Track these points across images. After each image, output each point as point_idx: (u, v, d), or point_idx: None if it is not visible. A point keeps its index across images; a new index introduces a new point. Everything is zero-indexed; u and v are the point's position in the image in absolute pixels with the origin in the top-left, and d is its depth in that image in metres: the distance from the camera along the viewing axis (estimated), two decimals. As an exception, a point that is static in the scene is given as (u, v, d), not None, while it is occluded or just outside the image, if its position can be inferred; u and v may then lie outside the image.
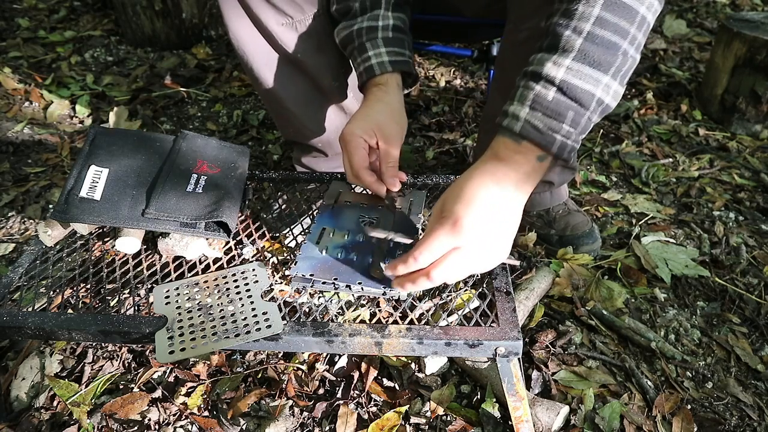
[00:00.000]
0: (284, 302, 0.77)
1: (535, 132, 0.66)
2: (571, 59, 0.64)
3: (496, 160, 0.68)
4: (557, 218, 1.23)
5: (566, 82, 0.64)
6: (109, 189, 0.86)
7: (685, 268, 1.19)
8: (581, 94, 0.65)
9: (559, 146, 0.66)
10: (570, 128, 0.66)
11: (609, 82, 0.65)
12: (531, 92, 0.66)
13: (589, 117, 0.66)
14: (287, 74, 1.07)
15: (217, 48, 2.35)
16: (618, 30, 0.64)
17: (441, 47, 1.47)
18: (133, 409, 0.90)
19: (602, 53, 0.64)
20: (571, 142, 0.67)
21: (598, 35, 0.64)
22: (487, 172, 0.68)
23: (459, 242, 0.66)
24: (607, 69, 0.65)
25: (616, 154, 1.62)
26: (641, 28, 0.66)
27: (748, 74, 1.63)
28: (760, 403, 0.93)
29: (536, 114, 0.66)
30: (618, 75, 0.66)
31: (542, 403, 0.88)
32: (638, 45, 0.67)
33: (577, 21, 0.65)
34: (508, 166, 0.68)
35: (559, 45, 0.65)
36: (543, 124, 0.66)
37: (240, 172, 0.96)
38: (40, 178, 1.57)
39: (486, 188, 0.67)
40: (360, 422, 0.89)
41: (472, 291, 0.79)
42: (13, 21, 2.48)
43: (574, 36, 0.65)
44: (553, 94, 0.65)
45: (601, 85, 0.65)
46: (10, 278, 0.85)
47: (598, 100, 0.66)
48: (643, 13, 0.65)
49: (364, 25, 0.92)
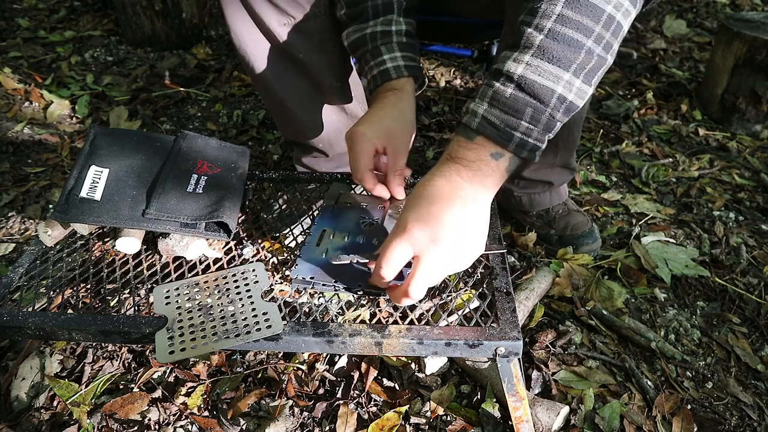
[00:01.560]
0: (284, 302, 0.77)
1: (491, 128, 0.66)
2: (530, 55, 0.64)
3: (450, 160, 0.69)
4: (557, 218, 1.23)
5: (524, 78, 0.64)
6: (109, 189, 0.86)
7: (685, 268, 1.19)
8: (539, 90, 0.64)
9: (518, 143, 0.66)
10: (529, 125, 0.65)
11: (571, 79, 0.65)
12: (491, 89, 0.66)
13: (551, 114, 0.66)
14: (288, 74, 1.07)
15: (217, 48, 2.35)
16: (581, 28, 0.64)
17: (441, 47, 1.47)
18: (133, 409, 0.91)
19: (563, 50, 0.64)
20: (533, 141, 0.66)
21: (559, 32, 0.64)
22: (438, 173, 0.69)
23: (415, 248, 0.67)
24: (568, 66, 0.64)
25: (616, 154, 1.62)
26: (608, 27, 0.65)
27: (748, 74, 1.63)
28: (760, 403, 0.93)
29: (494, 111, 0.66)
30: (581, 72, 0.65)
31: (542, 403, 0.88)
32: (606, 44, 0.66)
33: (539, 18, 0.64)
34: (460, 164, 0.68)
35: (521, 42, 0.66)
36: (500, 121, 0.66)
37: (240, 172, 0.96)
38: (40, 178, 1.57)
39: (436, 188, 0.67)
40: (360, 422, 0.89)
41: (472, 291, 0.79)
42: (13, 21, 2.48)
43: (535, 33, 0.65)
44: (511, 91, 0.65)
45: (561, 81, 0.64)
46: (10, 278, 0.85)
47: (559, 97, 0.65)
48: (610, 12, 0.64)
49: (378, 29, 0.92)
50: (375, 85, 0.92)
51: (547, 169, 1.16)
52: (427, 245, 0.66)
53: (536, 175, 1.17)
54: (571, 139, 1.12)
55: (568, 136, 1.10)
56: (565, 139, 1.10)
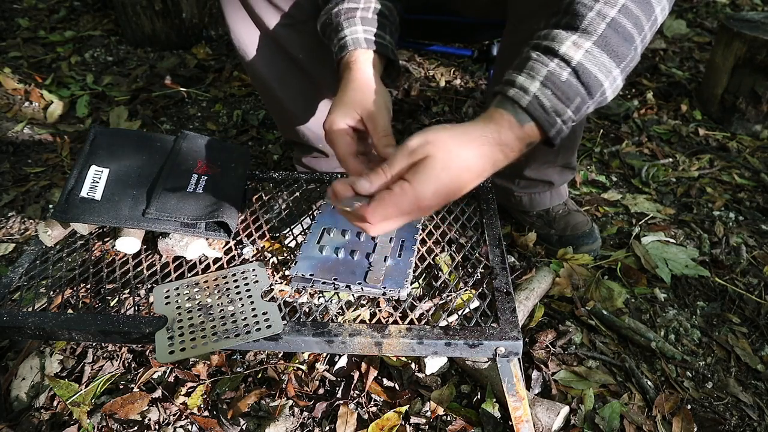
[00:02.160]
0: (284, 302, 0.77)
1: (541, 111, 0.62)
2: (591, 42, 0.61)
3: (490, 131, 0.63)
4: (557, 218, 1.23)
5: (582, 66, 0.61)
6: (109, 189, 0.86)
7: (685, 268, 1.19)
8: (593, 81, 0.61)
9: (557, 131, 0.63)
10: (572, 115, 0.63)
11: (617, 74, 0.63)
12: (544, 68, 0.62)
13: (589, 106, 0.64)
14: (288, 74, 1.07)
15: (217, 48, 2.35)
16: (637, 24, 0.62)
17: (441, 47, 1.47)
18: (133, 409, 0.90)
19: (621, 44, 0.61)
20: (566, 128, 0.64)
21: (621, 24, 0.61)
22: (478, 138, 0.63)
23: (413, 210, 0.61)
24: (621, 61, 0.62)
25: (616, 154, 1.62)
26: (652, 28, 0.64)
27: (748, 74, 1.63)
28: (760, 403, 0.93)
29: (546, 92, 0.61)
30: (626, 70, 0.64)
31: (542, 403, 0.88)
32: (645, 45, 0.65)
33: (603, 5, 0.61)
34: (498, 147, 0.63)
35: (581, 25, 0.61)
36: (550, 104, 0.61)
37: (240, 172, 0.96)
38: (40, 178, 1.57)
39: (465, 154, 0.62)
40: (360, 422, 0.89)
41: (472, 291, 0.79)
42: (13, 21, 2.48)
43: (598, 19, 0.61)
44: (567, 76, 0.61)
45: (610, 76, 0.62)
46: (10, 278, 0.85)
47: (602, 91, 0.63)
48: (657, 13, 0.64)
49: (343, 7, 0.85)
50: (337, 61, 0.85)
51: (547, 168, 1.16)
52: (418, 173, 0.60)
53: (537, 174, 1.17)
54: (572, 138, 1.12)
55: (569, 134, 1.10)
56: (566, 138, 1.10)
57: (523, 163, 1.14)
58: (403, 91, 1.99)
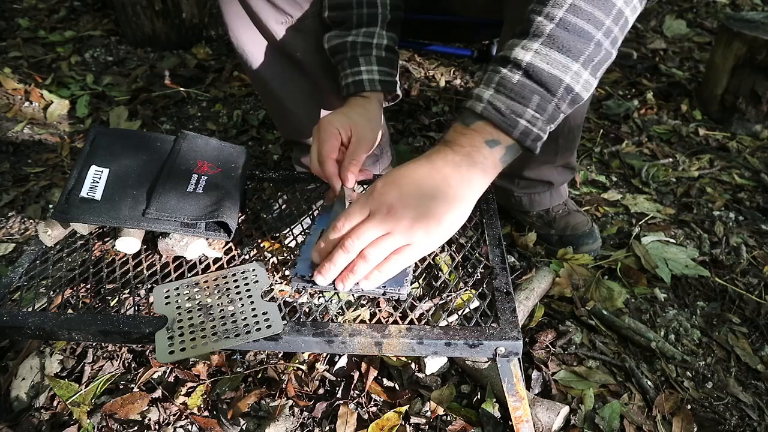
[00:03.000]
0: (284, 302, 0.77)
1: (496, 113, 0.65)
2: (539, 44, 0.64)
3: (442, 144, 0.69)
4: (557, 218, 1.23)
5: (533, 66, 0.64)
6: (109, 189, 0.86)
7: (685, 268, 1.19)
8: (548, 78, 0.64)
9: (522, 131, 0.65)
10: (535, 113, 0.65)
11: (579, 70, 0.64)
12: (497, 75, 0.66)
13: (557, 105, 0.65)
14: (286, 73, 1.07)
15: (217, 48, 2.35)
16: (592, 19, 0.64)
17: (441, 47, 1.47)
18: (133, 409, 0.91)
19: (573, 40, 0.63)
20: (537, 130, 0.66)
21: (571, 22, 0.63)
22: (426, 155, 0.69)
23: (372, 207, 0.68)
24: (578, 56, 0.64)
25: (616, 154, 1.62)
26: (617, 22, 0.65)
27: (748, 74, 1.63)
28: (760, 403, 0.93)
29: (500, 96, 0.65)
30: (589, 65, 0.65)
31: (542, 403, 0.88)
32: (614, 39, 0.66)
33: (551, 7, 0.64)
34: (450, 148, 0.67)
35: (530, 30, 0.65)
36: (506, 107, 0.65)
37: (240, 172, 0.96)
38: (40, 178, 1.57)
39: (417, 166, 0.68)
40: (360, 422, 0.89)
41: (472, 291, 0.79)
42: (13, 21, 2.48)
43: (545, 21, 0.64)
44: (519, 77, 0.64)
45: (570, 72, 0.64)
46: (10, 278, 0.85)
47: (566, 87, 0.65)
48: (620, 7, 0.65)
49: (359, 40, 0.93)
50: (347, 93, 0.94)
51: (547, 168, 1.16)
52: (383, 213, 0.67)
53: (537, 174, 1.17)
54: (571, 138, 1.12)
55: (568, 135, 1.10)
56: (565, 138, 1.10)
57: (523, 164, 1.15)
58: (403, 91, 1.99)
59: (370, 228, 0.68)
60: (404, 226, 0.67)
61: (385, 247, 0.68)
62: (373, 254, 0.68)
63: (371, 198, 0.69)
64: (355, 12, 0.93)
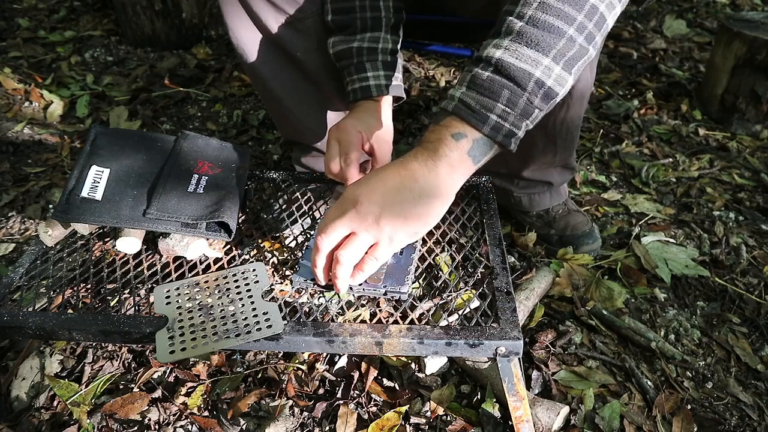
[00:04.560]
0: (285, 302, 0.77)
1: (466, 109, 0.66)
2: (508, 40, 0.65)
3: (416, 146, 0.70)
4: (557, 218, 1.23)
5: (501, 61, 0.65)
6: (110, 189, 0.86)
7: (685, 268, 1.19)
8: (516, 72, 0.65)
9: (493, 126, 0.66)
10: (506, 108, 0.66)
11: (550, 64, 0.65)
12: (469, 74, 0.67)
13: (528, 99, 0.66)
14: (285, 73, 1.07)
15: (217, 48, 2.35)
16: (562, 15, 0.64)
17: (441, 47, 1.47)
18: (133, 409, 0.91)
19: (543, 36, 0.64)
20: (509, 125, 0.66)
21: (540, 18, 0.64)
22: (400, 157, 0.70)
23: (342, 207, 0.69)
24: (548, 51, 0.65)
25: (616, 154, 1.62)
26: (591, 18, 0.65)
27: (748, 74, 1.63)
28: (760, 403, 0.93)
29: (470, 93, 0.66)
30: (561, 59, 0.65)
31: (542, 403, 0.88)
32: (589, 34, 0.66)
33: (521, 6, 0.66)
34: (420, 146, 0.69)
35: (502, 29, 0.67)
36: (475, 102, 0.66)
37: (240, 172, 0.96)
38: (40, 178, 1.57)
39: (386, 167, 0.70)
40: (360, 422, 0.89)
41: (473, 291, 0.79)
42: (13, 21, 2.48)
43: (515, 20, 0.66)
44: (488, 74, 0.66)
45: (540, 66, 0.65)
46: (11, 278, 0.85)
47: (537, 81, 0.65)
48: (594, 2, 0.65)
49: (365, 45, 0.93)
50: (354, 98, 0.94)
51: (546, 168, 1.17)
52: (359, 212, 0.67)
53: (536, 175, 1.17)
54: (570, 138, 1.12)
55: (567, 135, 1.10)
56: (564, 139, 1.10)
57: (522, 164, 1.15)
58: (403, 91, 1.98)
59: (337, 226, 0.68)
60: (369, 223, 0.67)
61: (355, 247, 0.69)
62: (345, 256, 0.69)
63: (342, 198, 0.70)
64: (359, 16, 0.93)
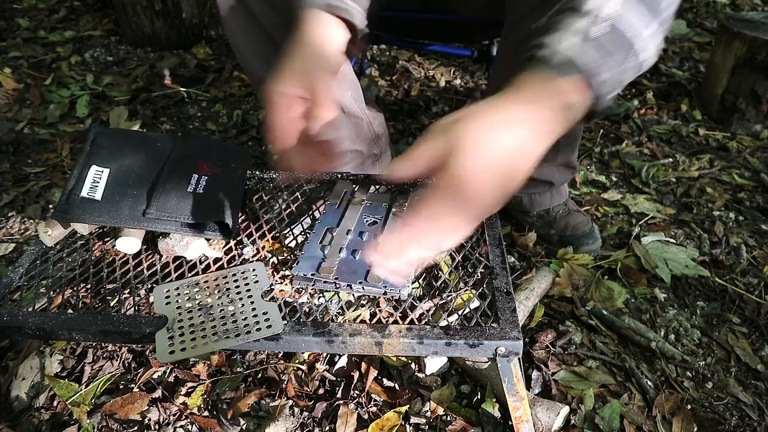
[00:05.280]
0: (284, 302, 0.77)
1: (585, 65, 0.55)
2: None
3: (519, 96, 0.56)
4: (557, 218, 1.23)
5: (621, 17, 0.56)
6: (110, 189, 0.86)
7: (685, 268, 1.19)
8: (632, 33, 0.56)
9: (599, 86, 0.56)
10: (616, 69, 0.57)
11: (657, 31, 0.57)
12: (573, 24, 0.57)
13: (635, 65, 0.58)
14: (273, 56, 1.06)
15: (217, 48, 2.35)
16: None
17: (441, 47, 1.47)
18: (133, 409, 0.91)
19: None
20: (608, 90, 0.58)
21: None
22: (500, 111, 0.55)
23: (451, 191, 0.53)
24: (657, 15, 0.57)
25: (616, 154, 1.62)
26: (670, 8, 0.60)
27: (748, 74, 1.63)
28: (760, 403, 0.93)
29: (586, 47, 0.55)
30: (662, 30, 0.58)
31: (542, 403, 0.88)
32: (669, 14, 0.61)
33: None
34: (533, 102, 0.56)
35: (584, 8, 0.57)
36: (591, 59, 0.55)
37: (240, 172, 0.96)
38: (40, 178, 1.57)
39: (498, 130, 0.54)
40: (360, 422, 0.89)
41: (473, 291, 0.79)
42: (13, 21, 2.48)
43: None
44: (606, 28, 0.56)
45: (651, 28, 0.57)
46: (10, 278, 0.85)
47: (641, 42, 0.57)
48: None
49: None
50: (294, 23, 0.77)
51: (548, 167, 1.16)
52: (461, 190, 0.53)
53: (537, 174, 1.17)
54: (572, 136, 1.12)
55: (569, 133, 1.10)
56: (566, 136, 1.10)
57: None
58: (403, 91, 1.99)
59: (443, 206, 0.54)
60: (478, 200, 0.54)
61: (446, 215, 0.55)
62: None
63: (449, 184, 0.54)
64: None
